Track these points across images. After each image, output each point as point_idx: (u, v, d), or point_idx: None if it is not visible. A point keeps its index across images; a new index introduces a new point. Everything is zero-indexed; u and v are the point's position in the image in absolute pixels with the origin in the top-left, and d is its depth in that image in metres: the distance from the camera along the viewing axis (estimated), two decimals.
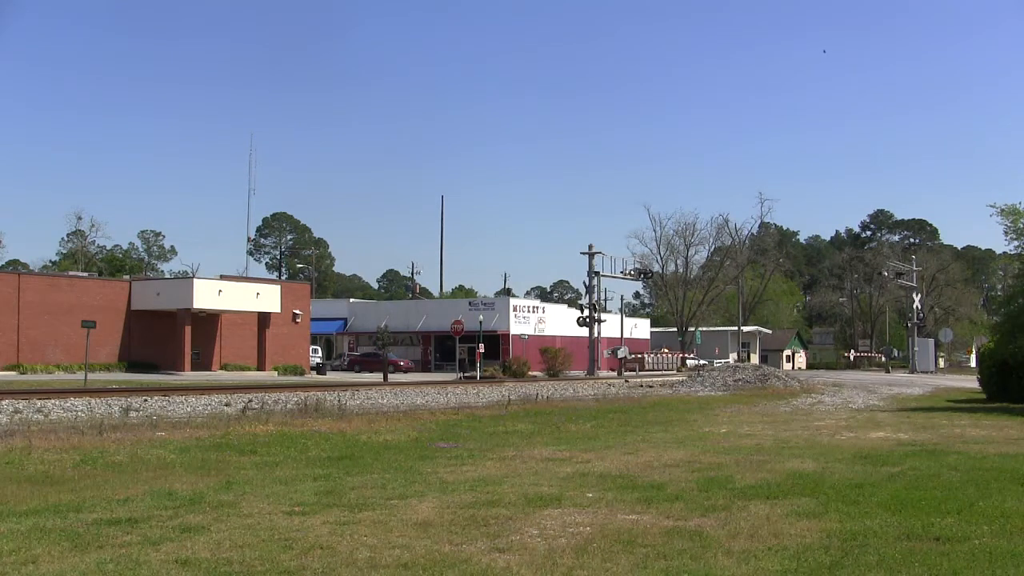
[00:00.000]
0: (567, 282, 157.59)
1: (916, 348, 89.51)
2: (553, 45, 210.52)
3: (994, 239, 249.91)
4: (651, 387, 43.82)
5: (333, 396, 28.26)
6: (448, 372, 65.92)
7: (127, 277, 75.77)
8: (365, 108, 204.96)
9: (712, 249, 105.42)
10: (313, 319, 71.26)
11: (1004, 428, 20.32)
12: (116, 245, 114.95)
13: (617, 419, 23.29)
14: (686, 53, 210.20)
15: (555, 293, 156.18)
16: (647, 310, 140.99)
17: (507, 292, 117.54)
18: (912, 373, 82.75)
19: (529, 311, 79.33)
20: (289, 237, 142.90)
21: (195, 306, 57.48)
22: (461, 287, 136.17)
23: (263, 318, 62.17)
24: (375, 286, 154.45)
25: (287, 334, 64.56)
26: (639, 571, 7.03)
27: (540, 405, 28.19)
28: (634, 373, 67.62)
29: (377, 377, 53.01)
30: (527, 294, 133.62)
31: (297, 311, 66.15)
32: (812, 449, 15.39)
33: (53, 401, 23.76)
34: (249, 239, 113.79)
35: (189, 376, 52.48)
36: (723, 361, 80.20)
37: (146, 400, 25.50)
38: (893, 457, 14.10)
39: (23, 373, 49.66)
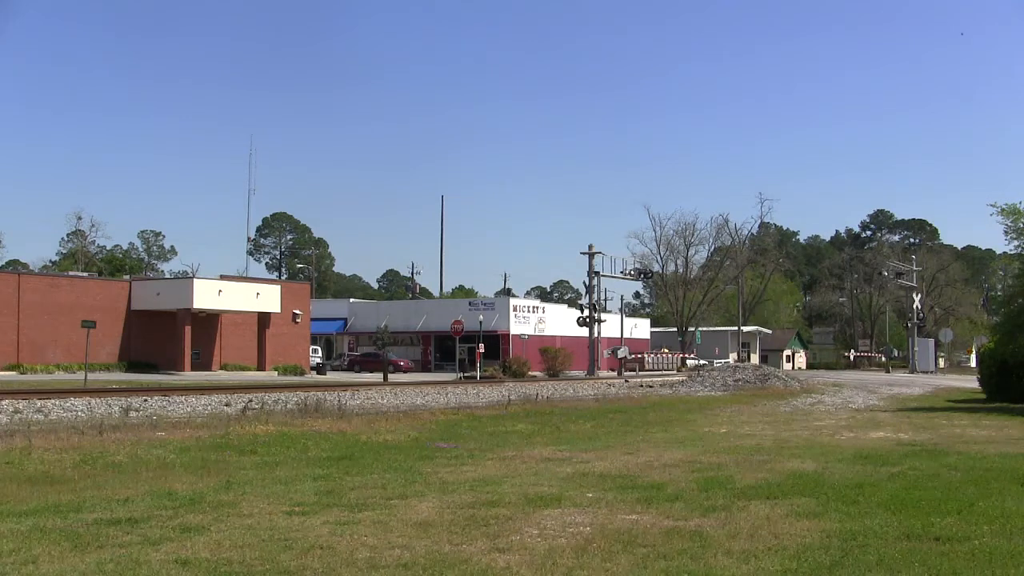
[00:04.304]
0: (567, 282, 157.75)
1: (916, 348, 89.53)
2: (553, 45, 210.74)
3: (994, 239, 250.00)
4: (651, 387, 43.80)
5: (333, 396, 28.24)
6: (448, 372, 65.91)
7: (127, 277, 75.76)
8: (365, 108, 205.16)
9: (712, 249, 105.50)
10: (313, 319, 71.25)
11: (1004, 428, 20.33)
12: (116, 245, 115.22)
13: (617, 419, 23.29)
14: (686, 53, 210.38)
15: (555, 293, 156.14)
16: (647, 310, 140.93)
17: (507, 292, 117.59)
18: (912, 373, 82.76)
19: (529, 311, 79.33)
20: (289, 237, 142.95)
21: (195, 306, 57.47)
22: (461, 287, 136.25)
23: (263, 318, 62.16)
24: (375, 286, 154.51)
25: (287, 334, 64.55)
26: (639, 571, 7.03)
27: (540, 405, 28.18)
28: (634, 373, 67.60)
29: (377, 377, 52.99)
30: (527, 294, 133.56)
31: (297, 311, 66.14)
32: (812, 449, 15.39)
33: (53, 401, 23.75)
34: (249, 239, 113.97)
35: (189, 376, 52.47)
36: (723, 361, 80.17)
37: (146, 400, 25.49)
38: (893, 457, 14.10)
39: (23, 373, 49.63)
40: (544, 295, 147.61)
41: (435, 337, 79.08)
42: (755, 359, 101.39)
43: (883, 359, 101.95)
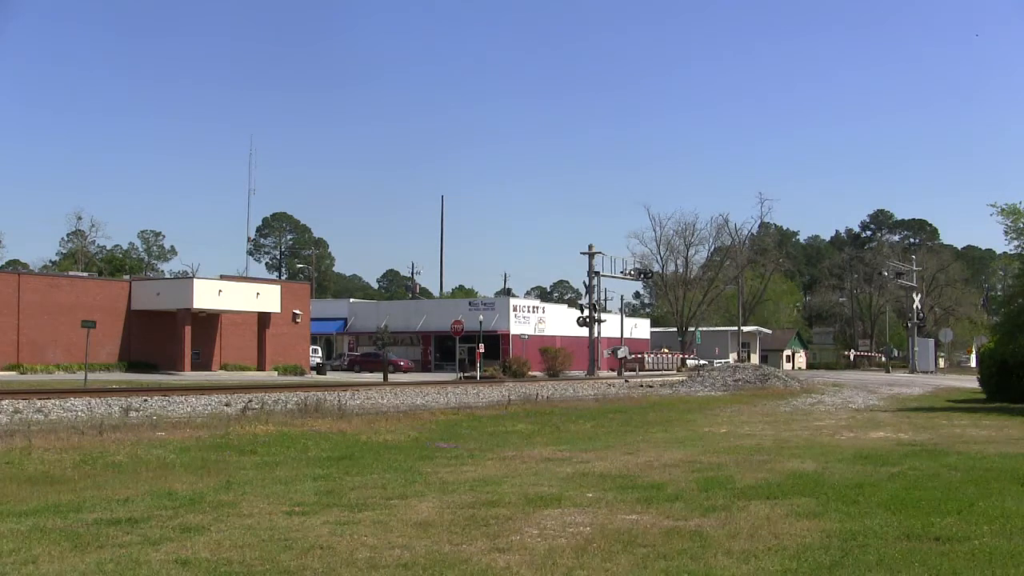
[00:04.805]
0: (567, 282, 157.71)
1: (916, 348, 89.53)
2: (553, 45, 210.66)
3: (994, 239, 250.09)
4: (651, 387, 43.80)
5: (333, 396, 28.24)
6: (448, 372, 65.90)
7: (127, 277, 75.76)
8: (365, 108, 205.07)
9: (712, 249, 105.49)
10: (313, 319, 71.24)
11: (1004, 428, 20.33)
12: (116, 245, 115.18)
13: (617, 419, 23.30)
14: (686, 53, 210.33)
15: (555, 293, 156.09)
16: (647, 310, 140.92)
17: (507, 292, 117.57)
18: (912, 373, 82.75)
19: (529, 311, 79.31)
20: (289, 237, 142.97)
21: (195, 306, 57.46)
22: (461, 287, 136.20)
23: (263, 318, 62.16)
24: (375, 286, 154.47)
25: (287, 334, 64.54)
26: (639, 571, 7.03)
27: (540, 405, 28.18)
28: (634, 373, 67.58)
29: (377, 377, 52.99)
30: (527, 294, 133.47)
31: (297, 311, 66.13)
32: (812, 449, 15.39)
33: (53, 401, 23.75)
34: (249, 239, 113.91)
35: (189, 376, 52.47)
36: (723, 361, 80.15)
37: (146, 400, 25.49)
38: (893, 457, 14.11)
39: (23, 373, 49.62)
40: (544, 295, 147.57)
41: (435, 337, 79.07)
42: (755, 359, 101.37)
43: (883, 359, 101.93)
